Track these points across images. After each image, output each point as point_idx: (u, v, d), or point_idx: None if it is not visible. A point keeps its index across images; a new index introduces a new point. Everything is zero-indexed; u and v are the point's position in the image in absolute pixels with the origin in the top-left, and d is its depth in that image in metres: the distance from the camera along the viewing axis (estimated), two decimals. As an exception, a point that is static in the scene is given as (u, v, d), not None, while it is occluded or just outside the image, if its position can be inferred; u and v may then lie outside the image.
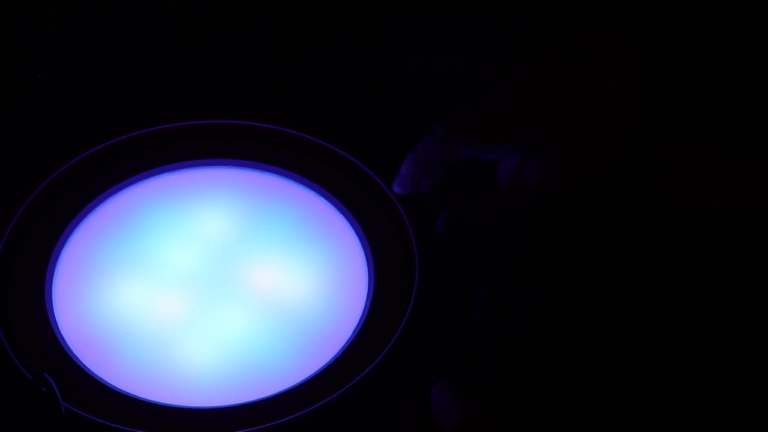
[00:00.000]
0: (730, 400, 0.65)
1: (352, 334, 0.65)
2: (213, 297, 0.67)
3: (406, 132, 0.71)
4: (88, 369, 0.62)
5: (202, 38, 0.85)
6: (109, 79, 0.82)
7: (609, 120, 0.66)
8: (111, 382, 0.62)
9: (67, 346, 0.63)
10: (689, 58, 0.87)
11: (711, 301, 0.69)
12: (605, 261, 0.71)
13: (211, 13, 0.87)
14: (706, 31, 0.88)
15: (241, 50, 0.85)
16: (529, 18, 0.86)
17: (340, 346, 0.64)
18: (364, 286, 0.68)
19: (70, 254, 0.69)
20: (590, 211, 0.64)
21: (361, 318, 0.66)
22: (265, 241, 0.71)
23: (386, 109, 0.80)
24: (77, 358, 0.63)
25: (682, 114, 0.82)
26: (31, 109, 0.79)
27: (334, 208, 0.72)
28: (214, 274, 0.68)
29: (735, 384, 0.66)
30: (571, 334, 0.67)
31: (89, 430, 0.59)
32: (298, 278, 0.69)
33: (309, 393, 0.61)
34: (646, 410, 0.64)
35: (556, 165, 0.63)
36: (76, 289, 0.67)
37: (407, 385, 0.63)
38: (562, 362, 0.66)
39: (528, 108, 0.66)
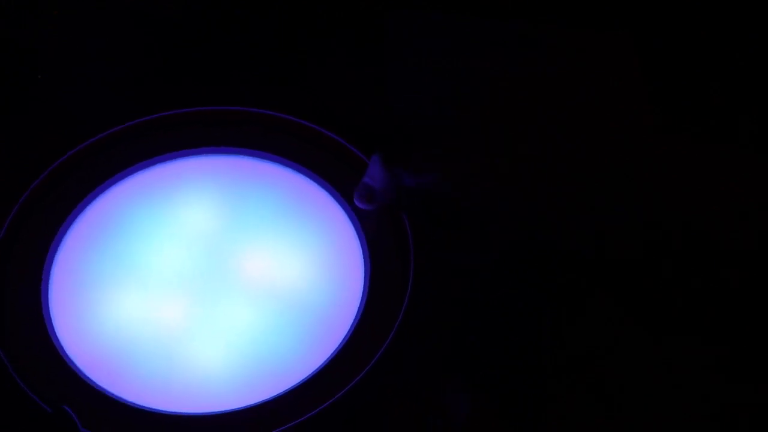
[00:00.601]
0: (730, 400, 0.65)
1: (350, 328, 0.65)
2: (211, 293, 0.67)
3: (406, 131, 0.71)
4: (102, 387, 0.62)
5: (202, 38, 0.85)
6: (109, 79, 0.82)
7: (609, 120, 0.66)
8: (125, 398, 0.62)
9: (76, 366, 0.63)
10: (689, 58, 0.86)
11: (711, 301, 0.69)
12: (605, 261, 0.71)
13: (211, 13, 0.87)
14: (706, 31, 0.88)
15: (241, 50, 0.85)
16: (529, 18, 0.86)
17: (342, 335, 0.64)
18: (360, 276, 0.68)
19: (60, 273, 0.68)
20: (588, 211, 0.64)
21: (358, 309, 0.66)
22: (257, 231, 0.70)
23: (386, 109, 0.80)
24: (88, 377, 0.62)
25: (682, 114, 0.82)
26: (31, 109, 0.79)
27: (329, 195, 0.72)
28: (208, 270, 0.68)
29: (735, 383, 0.66)
30: (571, 334, 0.67)
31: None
32: (294, 267, 0.68)
33: (315, 391, 0.61)
34: (646, 410, 0.64)
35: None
36: (75, 311, 0.66)
37: (401, 384, 0.63)
38: (562, 362, 0.66)
39: (528, 108, 0.66)
